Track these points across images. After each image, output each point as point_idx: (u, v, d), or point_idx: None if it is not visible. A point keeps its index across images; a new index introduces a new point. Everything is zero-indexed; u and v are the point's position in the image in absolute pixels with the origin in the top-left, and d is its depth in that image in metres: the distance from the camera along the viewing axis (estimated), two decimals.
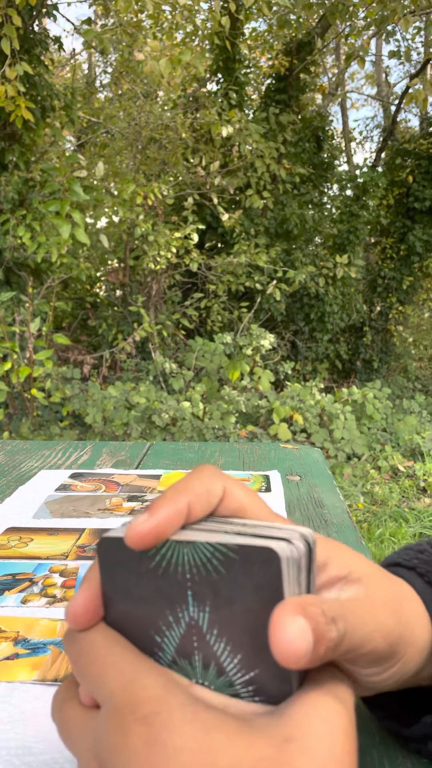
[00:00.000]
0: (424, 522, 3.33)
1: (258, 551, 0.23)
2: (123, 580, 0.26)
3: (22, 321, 3.93)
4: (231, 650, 0.24)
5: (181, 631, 0.25)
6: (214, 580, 0.24)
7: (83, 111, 5.85)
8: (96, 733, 0.23)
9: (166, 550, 0.25)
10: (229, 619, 0.24)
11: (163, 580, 0.25)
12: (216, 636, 0.24)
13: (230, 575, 0.24)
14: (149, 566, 0.25)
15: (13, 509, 0.72)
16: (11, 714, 0.38)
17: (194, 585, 0.24)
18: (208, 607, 0.24)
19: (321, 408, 4.43)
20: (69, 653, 0.26)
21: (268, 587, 0.23)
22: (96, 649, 0.25)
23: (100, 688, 0.24)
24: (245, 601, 0.23)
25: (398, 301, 7.12)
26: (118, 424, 3.84)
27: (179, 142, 5.76)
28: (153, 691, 0.22)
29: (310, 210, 6.78)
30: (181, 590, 0.25)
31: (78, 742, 0.25)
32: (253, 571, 0.23)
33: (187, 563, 0.24)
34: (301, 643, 0.21)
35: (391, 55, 5.80)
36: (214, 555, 0.24)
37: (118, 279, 6.35)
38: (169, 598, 0.25)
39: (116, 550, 0.26)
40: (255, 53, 7.08)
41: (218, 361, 4.73)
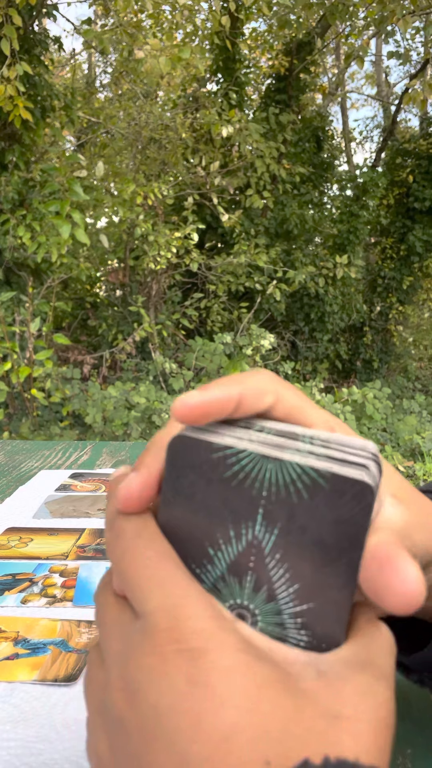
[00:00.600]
0: None
1: (352, 483, 0.21)
2: (190, 483, 0.24)
3: (22, 321, 3.93)
4: (289, 578, 0.23)
5: (240, 548, 0.24)
6: (292, 503, 0.22)
7: (83, 111, 5.85)
8: (128, 642, 0.21)
9: (248, 462, 0.23)
10: (296, 547, 0.23)
11: (234, 492, 0.23)
12: (277, 561, 0.23)
13: (312, 502, 0.22)
14: (223, 474, 0.23)
15: (13, 509, 0.72)
16: (11, 714, 0.38)
17: (268, 504, 0.23)
18: (277, 530, 0.23)
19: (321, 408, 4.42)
20: (112, 551, 0.24)
21: (351, 523, 0.22)
22: (145, 557, 0.23)
23: (142, 600, 0.22)
24: (320, 532, 0.22)
25: (398, 301, 7.12)
26: (118, 424, 3.84)
27: (179, 142, 5.76)
28: (202, 623, 0.20)
29: (310, 210, 6.78)
30: (252, 506, 0.23)
31: (110, 642, 0.23)
32: (340, 504, 0.22)
33: (267, 480, 0.23)
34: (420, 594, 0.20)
35: (390, 55, 5.80)
36: (301, 478, 0.22)
37: (118, 279, 6.35)
38: (236, 511, 0.23)
39: (191, 451, 0.24)
40: (255, 53, 7.08)
41: (218, 361, 4.73)
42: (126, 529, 0.24)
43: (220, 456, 0.23)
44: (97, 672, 0.23)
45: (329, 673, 0.21)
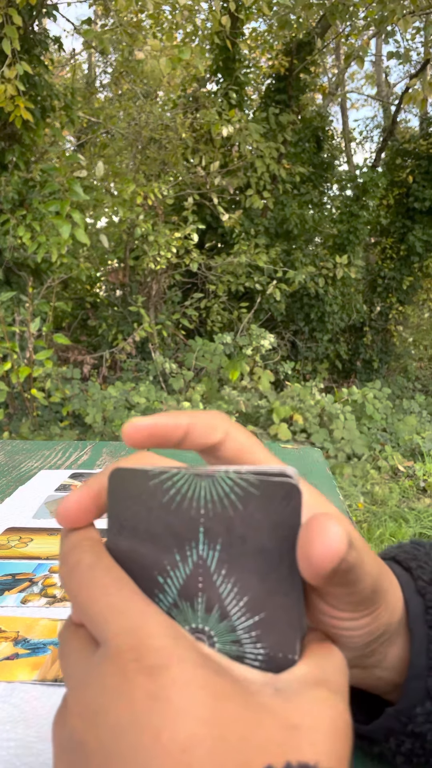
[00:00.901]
0: (424, 522, 3.33)
1: (279, 486, 0.22)
2: (132, 514, 0.25)
3: (22, 321, 3.93)
4: (238, 592, 0.23)
5: (188, 570, 0.24)
6: (229, 516, 0.23)
7: (83, 111, 5.85)
8: (87, 669, 0.22)
9: (183, 483, 0.24)
10: (239, 559, 0.23)
11: (174, 516, 0.24)
12: (224, 576, 0.24)
13: (246, 511, 0.23)
14: (162, 500, 0.24)
15: (13, 509, 0.72)
16: (11, 714, 0.38)
17: (207, 521, 0.24)
18: (219, 545, 0.23)
19: (321, 408, 4.43)
20: (68, 584, 0.24)
21: (285, 525, 0.23)
22: (102, 587, 0.23)
23: (102, 627, 0.22)
24: (259, 540, 0.23)
25: (398, 301, 7.12)
26: (118, 424, 3.84)
27: (179, 142, 5.76)
28: (162, 641, 0.21)
29: (310, 210, 6.78)
30: (192, 526, 0.24)
31: (69, 669, 0.23)
32: (271, 508, 0.23)
33: (203, 497, 0.23)
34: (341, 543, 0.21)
35: (390, 55, 5.80)
36: (233, 489, 0.23)
37: (118, 279, 6.35)
38: (178, 534, 0.24)
39: (129, 482, 0.25)
40: (255, 53, 7.08)
41: (218, 361, 4.73)
42: (81, 561, 0.24)
43: (156, 482, 0.24)
44: (61, 709, 0.24)
45: (286, 690, 0.22)
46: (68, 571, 0.24)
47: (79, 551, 0.25)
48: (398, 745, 0.31)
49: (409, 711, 0.30)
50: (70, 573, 0.24)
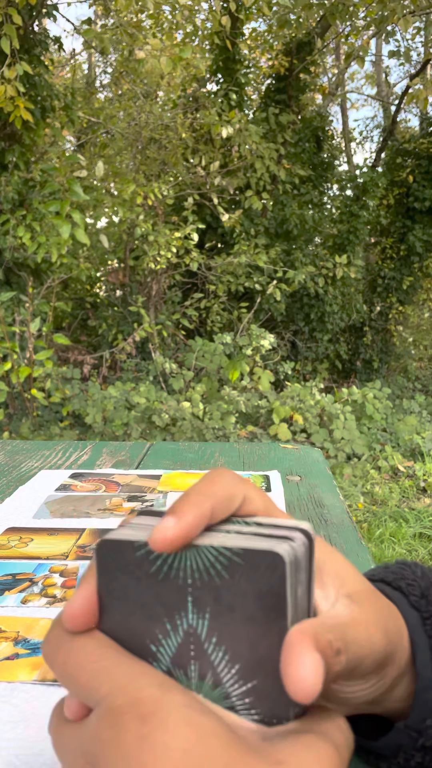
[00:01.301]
0: (424, 522, 3.33)
1: (263, 555, 0.23)
2: (121, 585, 0.25)
3: (22, 321, 3.93)
4: (229, 660, 0.24)
5: (179, 639, 0.24)
6: (216, 585, 0.23)
7: (83, 111, 5.85)
8: (86, 732, 0.23)
9: (168, 554, 0.24)
10: (229, 627, 0.23)
11: (163, 586, 0.24)
12: (214, 645, 0.24)
13: (233, 580, 0.23)
14: (149, 571, 0.24)
15: (13, 509, 0.72)
16: (11, 714, 0.38)
17: (195, 591, 0.24)
18: (208, 614, 0.24)
19: (321, 408, 4.43)
20: (53, 660, 0.25)
21: (271, 594, 0.23)
22: (86, 655, 0.24)
23: (93, 692, 0.23)
24: (246, 608, 0.23)
25: (398, 301, 7.12)
26: (118, 424, 3.84)
27: (179, 142, 5.76)
28: (149, 690, 0.22)
29: (310, 210, 6.78)
30: (181, 596, 0.24)
31: (68, 751, 0.24)
32: (257, 577, 0.23)
33: (189, 567, 0.24)
34: (316, 680, 0.21)
35: (390, 55, 5.80)
36: (218, 559, 0.23)
37: (118, 279, 6.35)
38: (167, 604, 0.24)
39: (116, 553, 0.25)
40: (255, 53, 7.08)
41: (218, 361, 4.73)
42: (62, 636, 0.25)
43: (142, 553, 0.24)
44: None
45: (274, 738, 0.23)
46: (50, 648, 0.25)
47: (56, 625, 0.26)
48: (407, 759, 0.30)
49: (419, 725, 0.30)
50: (54, 652, 0.25)
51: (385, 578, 0.34)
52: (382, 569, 0.35)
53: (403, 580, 0.33)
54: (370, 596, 0.28)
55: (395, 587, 0.33)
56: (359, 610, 0.27)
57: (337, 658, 0.23)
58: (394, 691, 0.29)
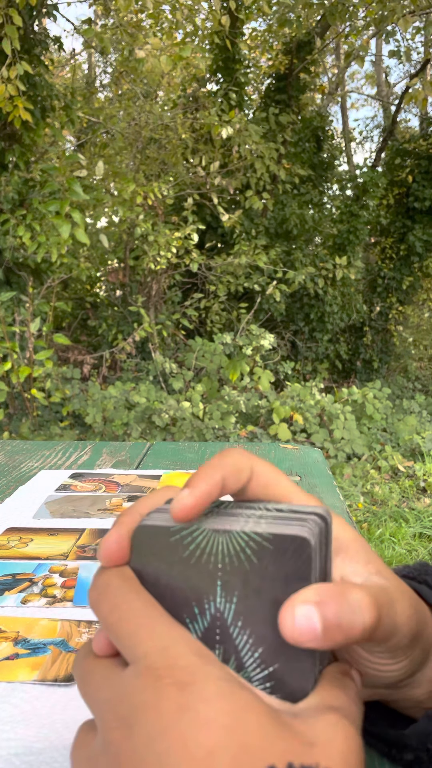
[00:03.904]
0: (424, 522, 3.33)
1: (291, 540, 0.24)
2: (153, 569, 0.26)
3: (22, 321, 3.93)
4: (253, 643, 0.25)
5: (206, 623, 0.25)
6: (245, 570, 0.24)
7: (83, 111, 5.85)
8: (121, 687, 0.23)
9: (202, 538, 0.25)
10: (254, 611, 0.24)
11: (194, 570, 0.25)
12: (240, 628, 0.25)
13: (261, 564, 0.24)
14: (182, 555, 0.25)
15: (13, 509, 0.72)
16: (11, 714, 0.38)
17: (225, 575, 0.25)
18: (235, 597, 0.25)
19: (321, 408, 4.43)
20: (98, 607, 0.26)
21: (296, 577, 0.24)
22: (132, 609, 0.25)
23: (133, 647, 0.24)
24: (273, 592, 0.24)
25: (398, 301, 7.12)
26: (118, 424, 3.84)
27: (179, 142, 5.76)
28: (189, 659, 0.23)
29: (310, 210, 6.77)
30: (211, 580, 0.25)
31: (99, 694, 0.25)
32: (284, 560, 0.24)
33: (221, 552, 0.25)
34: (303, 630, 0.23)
35: (390, 54, 5.80)
36: (248, 544, 0.24)
37: (118, 279, 6.35)
38: (197, 588, 0.25)
39: (151, 539, 0.26)
40: (255, 53, 7.08)
41: (218, 361, 4.73)
42: (110, 584, 0.26)
43: (177, 538, 0.26)
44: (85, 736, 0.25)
45: (302, 714, 0.23)
46: (98, 594, 0.26)
47: (107, 575, 0.27)
48: None
49: None
50: (100, 595, 0.26)
51: (408, 574, 0.35)
52: (403, 568, 0.37)
53: (428, 575, 0.34)
54: (396, 578, 0.29)
55: (420, 581, 0.34)
56: (389, 583, 0.28)
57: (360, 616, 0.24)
58: (415, 675, 0.30)
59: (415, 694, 0.31)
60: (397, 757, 0.33)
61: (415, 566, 0.36)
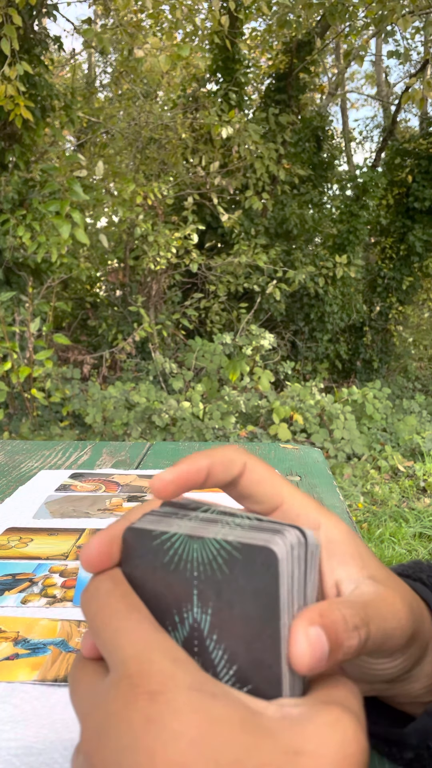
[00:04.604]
0: (424, 522, 3.33)
1: (258, 551, 0.22)
2: (140, 573, 0.26)
3: (22, 321, 3.93)
4: (228, 660, 0.24)
5: (185, 633, 0.25)
6: (218, 579, 0.24)
7: (83, 111, 5.85)
8: (99, 696, 0.23)
9: (179, 544, 0.24)
10: (228, 624, 0.23)
11: (174, 576, 0.25)
12: (215, 642, 0.24)
13: (232, 575, 0.23)
14: (163, 560, 0.25)
15: (13, 509, 0.72)
16: (11, 714, 0.38)
17: (200, 584, 0.24)
18: (210, 609, 0.24)
19: (321, 408, 4.43)
20: (87, 610, 0.25)
21: (265, 592, 0.22)
22: (115, 611, 0.24)
23: (113, 651, 0.23)
24: (244, 606, 0.23)
25: (398, 301, 7.12)
26: (118, 424, 3.84)
27: (179, 142, 5.76)
28: (161, 665, 0.22)
29: (309, 210, 6.77)
30: (188, 588, 0.24)
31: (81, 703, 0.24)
32: (253, 572, 0.23)
33: (196, 560, 0.24)
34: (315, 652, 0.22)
35: (390, 54, 5.80)
36: (220, 552, 0.23)
37: (118, 279, 6.35)
38: (177, 596, 0.25)
39: (137, 541, 0.26)
40: (255, 53, 7.07)
41: (218, 361, 4.73)
42: (99, 588, 0.26)
43: (158, 543, 0.25)
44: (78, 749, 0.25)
45: (293, 713, 0.22)
46: (87, 596, 0.26)
47: (99, 578, 0.26)
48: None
49: None
50: (89, 598, 0.26)
51: (403, 572, 0.35)
52: (397, 567, 0.36)
53: (423, 573, 0.34)
54: (392, 576, 0.29)
55: (415, 579, 0.34)
56: (384, 588, 0.27)
57: (355, 632, 0.24)
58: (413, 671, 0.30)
59: (413, 689, 0.31)
60: (397, 756, 0.33)
61: (409, 564, 0.36)
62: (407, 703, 0.32)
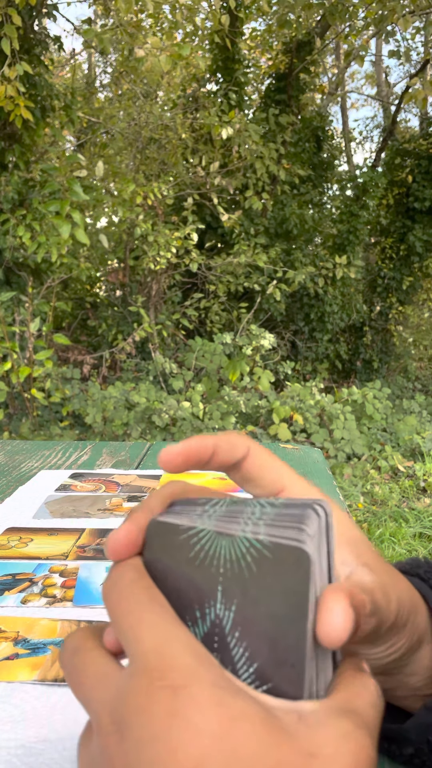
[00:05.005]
0: (424, 522, 3.33)
1: (290, 551, 0.23)
2: (162, 567, 0.26)
3: (22, 321, 3.93)
4: (249, 657, 0.24)
5: (206, 628, 0.25)
6: (245, 577, 0.23)
7: (83, 111, 5.85)
8: (119, 688, 0.23)
9: (206, 540, 0.25)
10: (252, 623, 0.23)
11: (198, 572, 0.25)
12: (237, 639, 0.24)
13: (260, 573, 0.23)
14: (188, 555, 0.25)
15: (13, 509, 0.72)
16: (11, 714, 0.38)
17: (225, 581, 0.24)
18: (234, 606, 0.24)
19: (321, 408, 4.43)
20: (108, 597, 0.26)
21: (294, 592, 0.23)
22: (138, 602, 0.24)
23: (134, 642, 0.23)
24: (270, 605, 0.23)
25: (398, 301, 7.12)
26: (118, 424, 3.84)
27: (179, 142, 5.76)
28: (185, 660, 0.22)
29: (309, 210, 6.78)
30: (212, 585, 0.24)
31: (93, 693, 0.24)
32: (284, 572, 0.23)
33: (223, 557, 0.24)
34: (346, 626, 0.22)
35: (390, 54, 5.80)
36: (249, 551, 0.23)
37: (118, 279, 6.35)
38: (200, 591, 0.25)
39: (162, 535, 0.26)
40: (255, 53, 7.07)
41: (218, 361, 4.73)
42: (123, 577, 0.26)
43: (184, 537, 0.25)
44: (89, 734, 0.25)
45: (310, 718, 0.22)
46: (111, 585, 0.26)
47: (122, 568, 0.26)
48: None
49: None
50: (112, 587, 0.26)
51: (401, 569, 0.35)
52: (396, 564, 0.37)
53: (420, 569, 0.35)
54: (384, 565, 0.30)
55: (412, 574, 0.34)
56: (377, 578, 0.28)
57: (370, 618, 0.24)
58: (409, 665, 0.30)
59: (411, 682, 0.31)
60: (396, 753, 0.33)
61: (408, 561, 0.36)
62: (407, 696, 0.32)
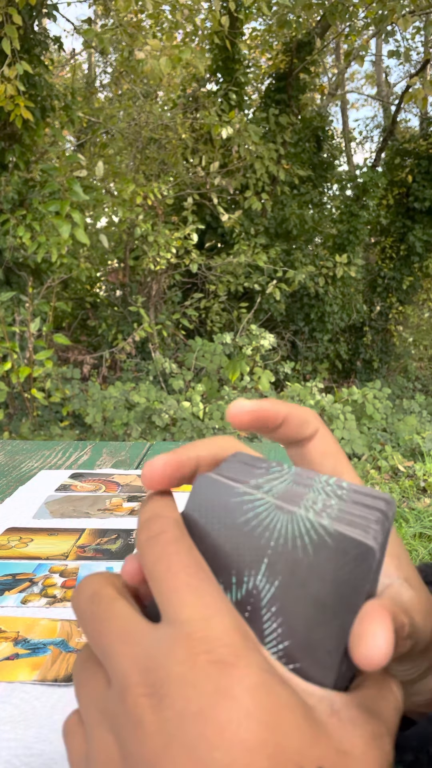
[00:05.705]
0: (424, 522, 3.33)
1: (356, 544, 0.22)
2: (204, 524, 0.25)
3: (22, 321, 3.93)
4: (281, 634, 0.23)
5: (239, 596, 0.24)
6: (296, 557, 0.23)
7: (83, 111, 5.85)
8: (153, 648, 0.21)
9: (263, 510, 0.24)
10: (293, 602, 0.23)
11: (244, 539, 0.24)
12: (272, 614, 0.23)
13: (316, 559, 0.22)
14: (237, 520, 0.24)
15: (13, 509, 0.72)
16: (11, 714, 0.38)
17: (274, 554, 0.23)
18: (278, 581, 0.23)
19: (321, 408, 4.43)
20: (146, 548, 0.24)
21: (350, 584, 0.22)
22: (182, 563, 0.23)
23: (177, 605, 0.22)
24: (320, 591, 0.22)
25: (398, 301, 7.12)
26: (118, 424, 3.84)
27: (179, 142, 5.76)
28: (234, 637, 0.21)
29: (309, 210, 6.78)
30: (258, 555, 0.23)
31: (118, 647, 0.22)
32: (342, 563, 0.22)
33: (277, 531, 0.23)
34: (387, 651, 0.21)
35: (390, 54, 5.80)
36: (309, 533, 0.23)
37: (118, 279, 6.35)
38: (242, 557, 0.24)
39: (212, 492, 0.25)
40: (255, 53, 7.08)
41: (218, 361, 4.73)
42: (166, 533, 0.24)
43: (237, 501, 0.24)
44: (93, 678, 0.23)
45: (342, 713, 0.22)
46: (150, 538, 0.24)
47: (164, 522, 0.25)
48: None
49: None
50: (152, 541, 0.24)
51: None
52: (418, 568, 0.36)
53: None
54: (421, 583, 0.28)
55: (428, 582, 0.33)
56: (416, 595, 0.27)
57: (406, 641, 0.23)
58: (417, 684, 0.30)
59: (416, 701, 0.31)
60: (396, 758, 0.33)
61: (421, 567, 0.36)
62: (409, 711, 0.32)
